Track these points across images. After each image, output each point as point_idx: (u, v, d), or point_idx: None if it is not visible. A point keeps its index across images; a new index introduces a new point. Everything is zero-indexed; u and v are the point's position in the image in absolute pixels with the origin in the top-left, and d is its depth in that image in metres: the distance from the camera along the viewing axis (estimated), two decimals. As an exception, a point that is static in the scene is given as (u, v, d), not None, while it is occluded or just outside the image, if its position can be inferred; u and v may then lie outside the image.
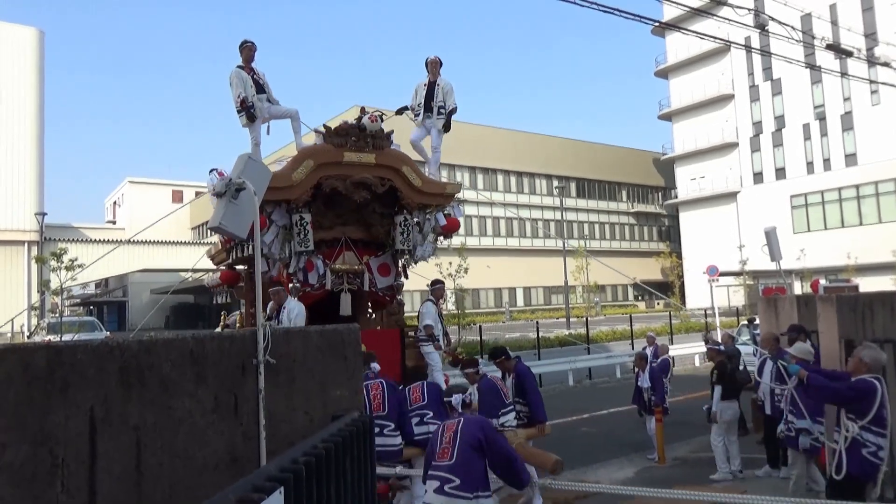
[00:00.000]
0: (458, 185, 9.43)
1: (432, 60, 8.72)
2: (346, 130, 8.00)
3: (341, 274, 8.06)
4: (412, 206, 8.51)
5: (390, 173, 8.21)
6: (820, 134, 46.68)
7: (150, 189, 53.71)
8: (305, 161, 7.63)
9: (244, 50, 7.89)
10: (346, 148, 7.90)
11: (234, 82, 7.75)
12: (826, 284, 8.86)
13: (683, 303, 49.72)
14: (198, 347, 2.69)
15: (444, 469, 4.20)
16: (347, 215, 8.19)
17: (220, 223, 2.99)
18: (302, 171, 7.54)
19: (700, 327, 27.22)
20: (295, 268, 7.69)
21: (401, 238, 8.35)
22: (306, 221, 7.52)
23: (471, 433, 4.25)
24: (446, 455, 4.23)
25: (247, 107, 7.67)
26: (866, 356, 5.12)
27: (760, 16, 12.37)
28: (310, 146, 8.00)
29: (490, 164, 54.00)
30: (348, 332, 3.17)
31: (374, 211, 8.23)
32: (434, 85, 8.72)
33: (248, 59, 7.90)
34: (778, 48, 18.93)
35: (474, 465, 4.19)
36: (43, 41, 38.50)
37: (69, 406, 2.41)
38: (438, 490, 4.15)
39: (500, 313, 49.41)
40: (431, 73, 8.74)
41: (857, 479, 4.92)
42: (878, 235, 41.60)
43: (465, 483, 4.12)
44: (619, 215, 64.13)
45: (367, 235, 8.34)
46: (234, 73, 7.79)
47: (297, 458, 2.03)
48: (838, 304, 6.47)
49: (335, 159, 7.84)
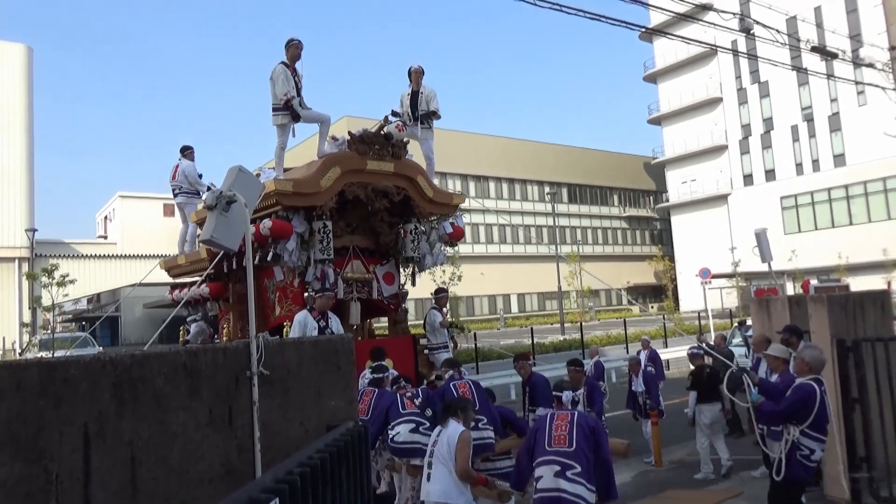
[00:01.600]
0: (463, 196, 9.55)
1: (415, 70, 8.67)
2: (372, 139, 8.05)
3: (351, 282, 8.07)
4: (423, 215, 8.57)
5: (405, 182, 8.31)
6: (808, 135, 47.07)
7: (142, 203, 53.49)
8: (333, 168, 7.65)
9: (291, 48, 7.62)
10: (370, 156, 7.94)
11: (279, 79, 7.48)
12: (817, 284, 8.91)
13: (677, 306, 49.90)
14: (191, 360, 2.69)
15: (563, 455, 4.23)
16: (356, 224, 8.22)
17: (211, 236, 2.99)
18: (330, 177, 7.57)
19: (694, 330, 27.28)
20: (312, 276, 7.61)
21: (411, 246, 8.40)
22: (328, 229, 7.50)
23: (587, 426, 4.37)
24: (564, 442, 4.28)
25: (291, 105, 7.47)
26: (807, 356, 5.06)
27: (745, 20, 12.50)
28: (335, 153, 7.91)
29: (481, 172, 54.16)
30: (342, 343, 3.18)
31: (382, 220, 8.28)
32: (417, 94, 8.68)
33: (295, 57, 7.63)
34: (764, 51, 19.11)
35: (588, 456, 4.25)
36: (32, 57, 38.43)
37: (63, 422, 2.41)
38: (559, 474, 4.18)
39: (494, 320, 49.39)
40: (414, 82, 8.70)
41: (795, 483, 4.96)
42: (868, 235, 41.90)
43: (585, 472, 4.18)
44: (611, 220, 64.35)
45: (375, 244, 8.36)
46: (280, 69, 7.52)
47: (293, 469, 2.04)
48: (829, 304, 6.51)
49: (359, 167, 7.89)
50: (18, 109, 36.93)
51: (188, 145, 9.77)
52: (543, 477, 4.25)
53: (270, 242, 7.34)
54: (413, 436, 5.69)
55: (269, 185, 7.23)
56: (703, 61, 52.67)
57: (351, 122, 34.43)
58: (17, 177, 36.53)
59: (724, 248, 46.29)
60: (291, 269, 7.63)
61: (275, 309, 8.19)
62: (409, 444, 5.69)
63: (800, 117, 47.41)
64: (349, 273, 8.09)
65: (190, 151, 9.74)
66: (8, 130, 36.40)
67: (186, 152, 9.73)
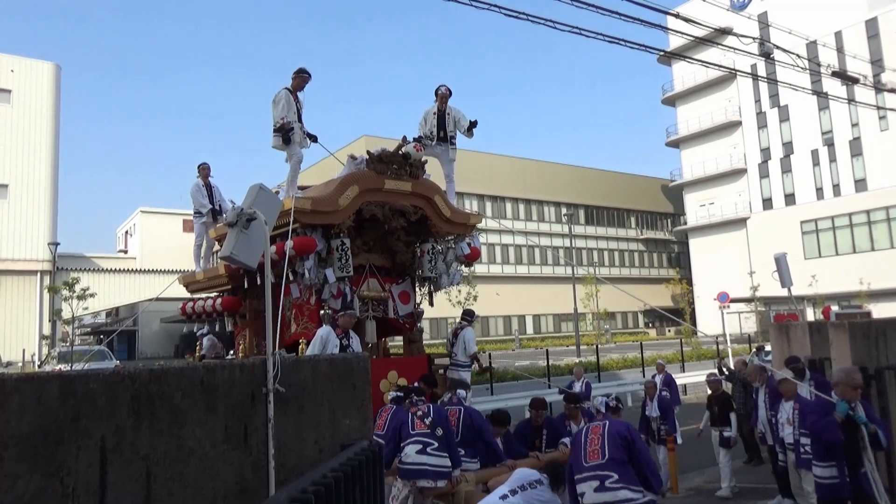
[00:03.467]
0: (480, 216, 9.56)
1: (442, 92, 8.80)
2: (390, 158, 8.12)
3: (367, 301, 8.10)
4: (439, 235, 8.62)
5: (422, 202, 8.35)
6: (829, 160, 46.67)
7: (162, 219, 54.21)
8: (351, 187, 7.72)
9: (298, 78, 7.87)
10: (388, 175, 8.01)
11: (280, 103, 7.68)
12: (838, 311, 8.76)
13: (695, 330, 49.33)
14: (208, 377, 2.71)
15: (596, 468, 4.36)
16: (373, 242, 8.26)
17: (231, 253, 3.02)
18: (348, 195, 7.64)
19: (712, 354, 26.94)
20: (328, 294, 7.64)
21: (428, 266, 8.44)
22: (347, 246, 7.57)
23: (618, 432, 4.47)
24: (596, 455, 4.39)
25: (285, 130, 7.65)
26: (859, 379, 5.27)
27: (765, 44, 12.48)
28: (354, 172, 8.00)
29: (499, 192, 54.24)
30: (357, 361, 3.18)
31: (398, 239, 8.31)
32: (444, 115, 8.80)
33: (299, 87, 7.89)
34: (784, 75, 19.06)
35: (624, 461, 4.35)
36: (59, 75, 39.28)
37: (80, 436, 2.43)
38: (599, 489, 4.31)
39: (509, 341, 49.13)
40: (441, 103, 8.83)
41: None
42: (891, 261, 41.28)
43: (624, 477, 4.28)
44: (628, 242, 63.99)
45: (391, 263, 8.39)
46: (283, 94, 7.73)
47: (307, 488, 2.03)
48: (851, 331, 6.41)
49: (377, 186, 7.94)
50: (45, 125, 37.70)
51: (201, 163, 9.76)
52: (586, 493, 4.39)
53: (296, 260, 7.39)
54: (420, 457, 5.64)
55: (287, 203, 7.31)
56: (722, 85, 52.59)
57: (369, 141, 34.71)
58: (41, 191, 37.18)
59: (743, 272, 45.81)
60: (308, 286, 7.65)
61: (290, 326, 8.20)
62: (416, 465, 5.65)
63: (820, 141, 47.06)
64: (365, 291, 8.12)
65: (201, 168, 9.70)
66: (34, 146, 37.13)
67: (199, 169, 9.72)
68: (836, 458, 5.04)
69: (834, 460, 5.06)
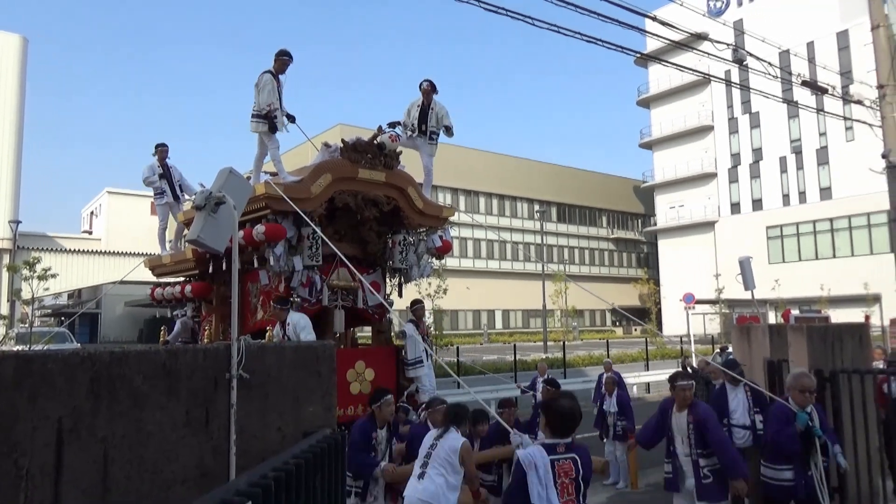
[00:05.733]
0: (453, 209, 9.54)
1: (425, 87, 8.74)
2: (365, 147, 8.03)
3: (336, 290, 8.03)
4: (412, 226, 8.57)
5: (396, 193, 8.29)
6: (796, 167, 47.71)
7: (129, 200, 53.14)
8: (324, 174, 7.62)
9: (280, 61, 7.70)
10: (361, 165, 7.93)
11: (266, 87, 7.52)
12: (797, 314, 8.99)
13: (660, 329, 50.14)
14: (171, 360, 2.68)
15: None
16: (344, 232, 8.16)
17: (198, 236, 2.99)
18: (320, 183, 7.55)
19: (676, 354, 27.42)
20: (297, 282, 7.57)
21: (399, 257, 8.39)
22: (318, 235, 7.43)
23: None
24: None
25: (271, 117, 7.53)
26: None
27: (739, 51, 12.69)
28: (327, 160, 7.93)
29: (472, 187, 54.34)
30: (322, 349, 3.17)
31: (370, 229, 8.23)
32: (428, 108, 8.74)
33: (281, 70, 7.73)
34: (756, 83, 19.40)
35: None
36: (26, 48, 38.19)
37: (37, 416, 2.39)
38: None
39: (478, 335, 49.35)
40: (425, 98, 8.76)
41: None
42: (851, 268, 42.43)
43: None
44: (598, 241, 64.69)
45: (362, 253, 8.28)
46: (268, 78, 7.57)
47: (267, 474, 2.03)
48: (808, 334, 6.58)
49: (351, 175, 7.86)
50: (10, 100, 36.63)
51: (159, 143, 9.47)
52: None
53: (264, 246, 7.30)
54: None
55: (258, 189, 7.22)
56: (696, 89, 53.34)
57: (344, 129, 34.39)
58: (3, 167, 36.16)
59: (709, 274, 46.64)
60: (277, 273, 7.58)
61: (256, 313, 8.13)
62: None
63: (788, 149, 48.07)
64: (335, 280, 8.06)
65: (159, 149, 9.45)
66: (-2, 120, 36.10)
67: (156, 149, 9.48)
68: (794, 462, 5.19)
69: (790, 464, 5.20)
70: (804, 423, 5.07)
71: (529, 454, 3.42)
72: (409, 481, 4.96)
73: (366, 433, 5.52)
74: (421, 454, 4.99)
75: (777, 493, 5.32)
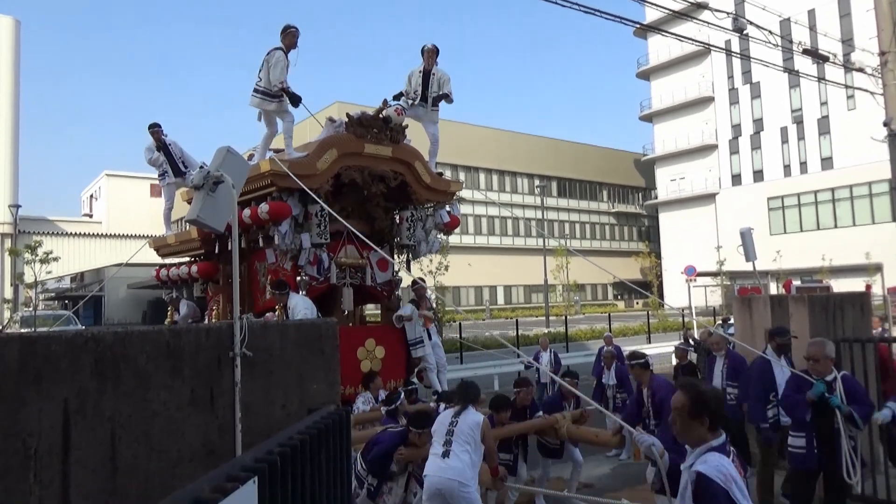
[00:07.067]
0: (461, 183, 9.35)
1: (429, 49, 8.41)
2: (370, 122, 7.84)
3: (344, 268, 7.90)
4: (419, 202, 8.41)
5: (403, 168, 8.11)
6: (797, 137, 47.39)
7: (128, 183, 53.05)
8: (330, 150, 7.45)
9: (288, 35, 7.44)
10: (367, 139, 7.76)
11: (279, 64, 7.27)
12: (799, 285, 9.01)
13: (662, 302, 50.28)
14: (174, 340, 2.70)
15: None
16: (351, 208, 7.97)
17: (197, 216, 2.99)
18: (326, 159, 7.38)
19: (677, 326, 27.54)
20: (305, 260, 7.42)
21: (407, 233, 8.27)
22: (325, 212, 7.24)
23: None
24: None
25: (288, 92, 7.27)
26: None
27: (739, 20, 12.53)
28: (332, 135, 7.72)
29: (472, 163, 54.08)
30: (326, 327, 3.19)
31: (377, 205, 8.08)
32: (429, 74, 8.41)
33: (291, 45, 7.45)
34: (757, 52, 19.20)
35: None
36: (19, 31, 37.81)
37: (42, 398, 2.41)
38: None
39: (480, 311, 49.51)
40: (427, 61, 8.42)
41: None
42: (852, 238, 42.35)
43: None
44: (599, 215, 64.55)
45: (369, 229, 8.03)
46: (280, 55, 7.32)
47: (273, 449, 2.05)
48: (810, 304, 6.60)
49: (357, 150, 7.69)
50: (5, 83, 36.36)
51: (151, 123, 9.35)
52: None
53: (269, 225, 7.13)
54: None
55: (263, 166, 7.04)
56: (696, 60, 52.79)
57: (342, 107, 34.09)
58: (1, 152, 36.03)
59: (710, 246, 46.57)
60: (284, 251, 7.41)
61: (266, 292, 7.94)
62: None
63: (789, 119, 47.70)
64: (343, 258, 7.90)
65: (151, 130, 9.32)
66: (-7, 104, 35.87)
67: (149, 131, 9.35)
68: (805, 430, 5.18)
69: (803, 432, 5.20)
70: (818, 392, 4.98)
71: (721, 466, 2.55)
72: (432, 460, 4.92)
73: (390, 452, 5.25)
74: (440, 432, 4.97)
75: (794, 460, 5.34)
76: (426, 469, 4.92)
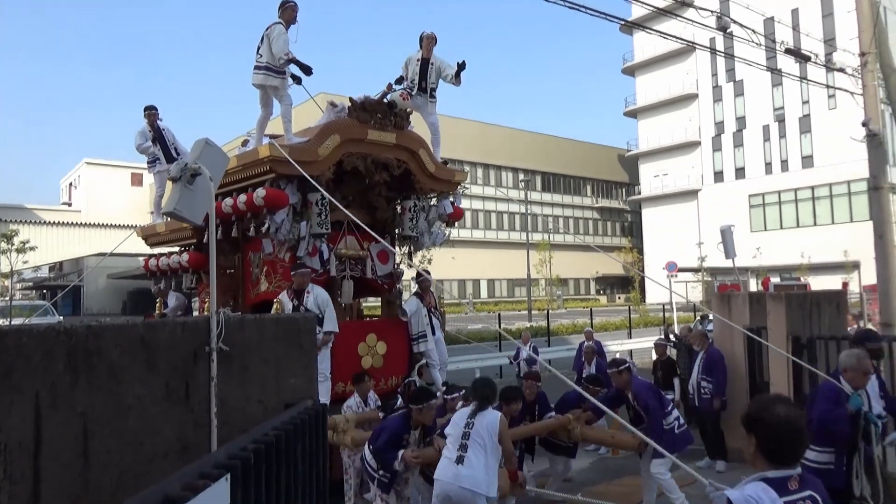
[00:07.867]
0: (466, 173, 9.07)
1: (428, 36, 8.16)
2: (374, 107, 7.52)
3: (344, 260, 7.60)
4: (423, 191, 8.12)
5: (406, 155, 7.79)
6: (779, 135, 47.89)
7: (108, 171, 52.31)
8: (332, 136, 7.10)
9: (287, 9, 7.19)
10: (371, 125, 7.43)
11: (280, 37, 6.97)
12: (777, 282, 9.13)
13: (643, 297, 50.68)
14: (149, 334, 2.66)
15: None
16: (353, 197, 7.57)
17: (174, 208, 2.95)
18: (328, 145, 7.04)
19: (658, 322, 27.77)
20: (304, 251, 7.08)
21: (410, 224, 7.98)
22: (326, 201, 6.88)
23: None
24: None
25: (295, 61, 6.98)
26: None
27: (723, 18, 12.60)
28: (334, 120, 7.38)
29: (457, 156, 53.95)
30: (304, 322, 3.17)
31: (379, 194, 7.72)
32: (428, 63, 8.14)
33: (291, 20, 7.19)
34: (741, 50, 19.33)
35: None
36: (-3, 14, 37.08)
37: (13, 391, 2.37)
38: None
39: (463, 304, 49.61)
40: (426, 49, 8.15)
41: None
42: (831, 236, 42.96)
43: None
44: (583, 210, 64.88)
45: (371, 220, 7.59)
46: (281, 28, 7.05)
47: (247, 446, 2.03)
48: (787, 302, 6.68)
49: (360, 136, 7.35)
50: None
51: (147, 105, 9.13)
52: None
53: (264, 213, 6.78)
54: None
55: (262, 151, 6.74)
56: (680, 57, 53.08)
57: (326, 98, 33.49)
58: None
59: (692, 242, 47.04)
60: (282, 242, 7.08)
61: (259, 284, 7.66)
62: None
63: (772, 117, 48.18)
64: (343, 249, 7.56)
65: (147, 112, 9.09)
66: (-30, 89, 35.17)
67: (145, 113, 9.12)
68: (837, 446, 4.64)
69: (833, 447, 4.64)
70: (858, 405, 4.51)
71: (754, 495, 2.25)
72: (444, 464, 4.67)
73: (398, 434, 5.10)
74: (455, 435, 4.70)
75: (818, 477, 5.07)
76: (438, 472, 4.70)
